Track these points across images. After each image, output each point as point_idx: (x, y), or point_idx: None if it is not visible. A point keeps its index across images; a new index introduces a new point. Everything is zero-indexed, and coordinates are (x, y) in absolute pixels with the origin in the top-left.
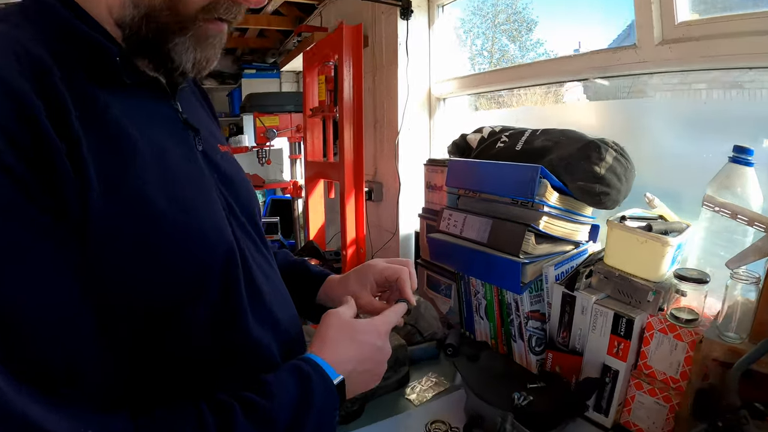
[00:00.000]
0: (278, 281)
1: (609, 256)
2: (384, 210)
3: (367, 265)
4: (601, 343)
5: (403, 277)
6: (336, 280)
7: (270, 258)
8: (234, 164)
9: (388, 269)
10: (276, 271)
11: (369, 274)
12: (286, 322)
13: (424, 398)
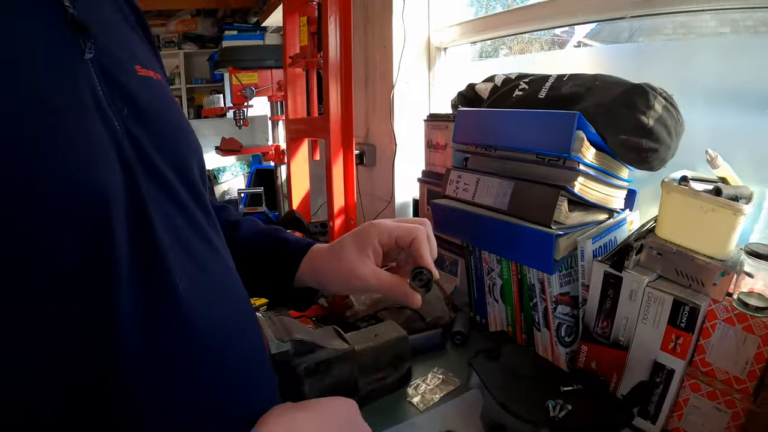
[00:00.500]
0: (223, 272)
1: (663, 227)
2: (378, 175)
3: (369, 225)
4: (653, 336)
5: (420, 237)
6: (324, 251)
7: (213, 236)
8: (163, 98)
9: (399, 229)
10: (222, 257)
11: (372, 238)
12: (227, 342)
13: (431, 401)
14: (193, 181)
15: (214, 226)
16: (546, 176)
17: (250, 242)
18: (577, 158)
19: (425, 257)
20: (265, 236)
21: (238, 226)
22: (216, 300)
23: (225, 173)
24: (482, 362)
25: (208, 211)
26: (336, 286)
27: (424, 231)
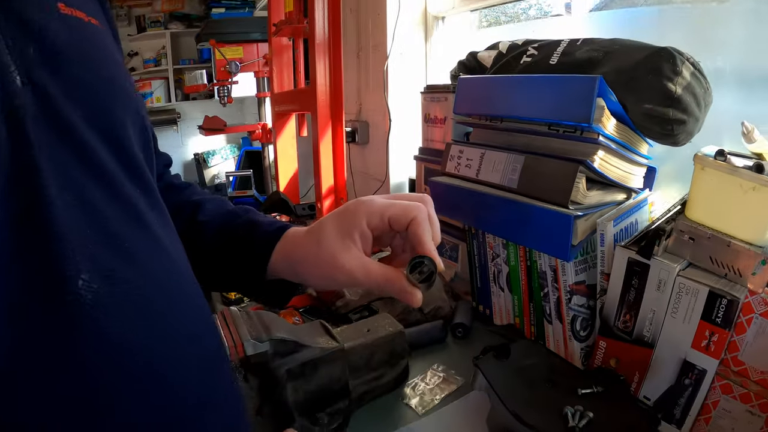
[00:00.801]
0: (164, 267)
1: (695, 209)
2: (371, 153)
3: (356, 203)
4: (683, 332)
5: (420, 218)
6: (301, 235)
7: (152, 220)
8: (93, 43)
9: (394, 208)
10: (164, 247)
11: (359, 219)
12: (166, 369)
13: (431, 403)
14: (123, 143)
15: (155, 206)
16: (560, 150)
17: (213, 226)
18: (598, 129)
19: (426, 243)
20: (231, 218)
21: (201, 207)
22: (149, 306)
23: (215, 156)
24: (490, 363)
25: (147, 187)
26: (315, 279)
27: (425, 210)
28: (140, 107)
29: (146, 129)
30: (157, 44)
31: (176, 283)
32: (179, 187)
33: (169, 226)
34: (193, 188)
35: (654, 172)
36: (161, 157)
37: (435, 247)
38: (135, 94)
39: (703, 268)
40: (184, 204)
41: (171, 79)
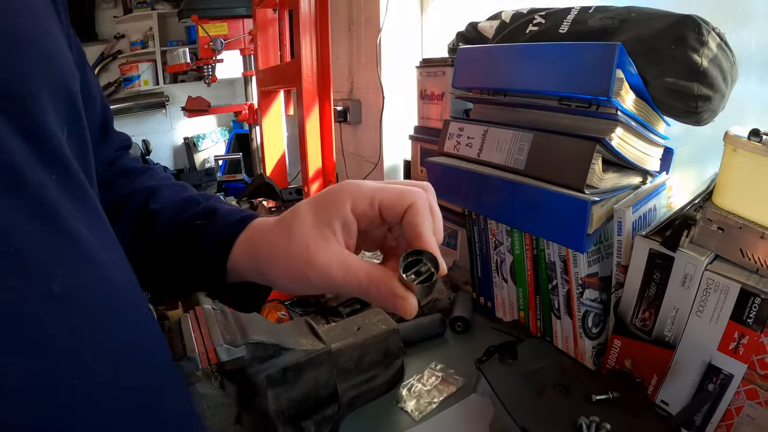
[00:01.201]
0: (91, 283)
1: (725, 195)
2: (363, 134)
3: (340, 185)
4: (710, 333)
5: (419, 206)
6: (270, 226)
7: (73, 219)
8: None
9: (386, 192)
10: (87, 246)
11: (342, 204)
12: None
13: (429, 407)
14: (32, 118)
15: (78, 196)
16: (573, 127)
17: (166, 215)
18: (617, 103)
19: (425, 236)
20: (187, 206)
21: (155, 194)
22: (43, 329)
23: (205, 140)
24: (495, 368)
25: (65, 172)
26: (283, 279)
27: (425, 197)
28: (70, 81)
29: (75, 105)
30: (144, 26)
31: (98, 295)
32: (136, 172)
33: (98, 220)
34: (153, 172)
35: (671, 153)
36: (117, 137)
37: (439, 243)
38: (66, 66)
39: (732, 261)
40: (137, 191)
41: (159, 62)
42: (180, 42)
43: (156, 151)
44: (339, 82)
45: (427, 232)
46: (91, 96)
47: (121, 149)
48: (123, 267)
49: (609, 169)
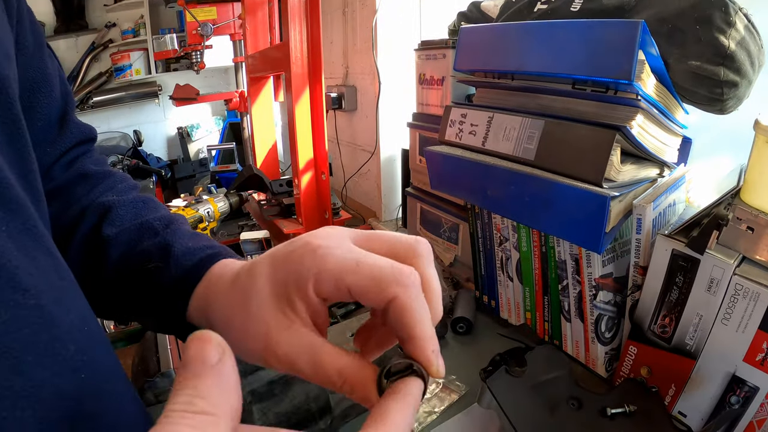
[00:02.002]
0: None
1: (756, 191)
2: (359, 121)
3: (304, 249)
4: (736, 343)
5: (405, 300)
6: (226, 287)
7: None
8: None
9: (359, 273)
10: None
11: (304, 280)
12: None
13: (429, 417)
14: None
15: (6, 212)
16: (588, 113)
17: (119, 245)
18: (638, 88)
19: (416, 338)
20: (142, 237)
21: (110, 214)
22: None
23: (199, 130)
24: (502, 381)
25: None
26: (243, 355)
27: (415, 279)
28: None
29: (2, 89)
30: (134, 14)
31: (27, 339)
32: (96, 178)
33: (29, 233)
34: (113, 180)
35: (689, 143)
36: (78, 129)
37: (436, 323)
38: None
39: (762, 265)
40: (93, 207)
41: (151, 51)
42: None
43: (149, 142)
44: (333, 68)
45: (418, 332)
46: (48, 80)
47: (84, 143)
48: (64, 290)
49: (627, 161)
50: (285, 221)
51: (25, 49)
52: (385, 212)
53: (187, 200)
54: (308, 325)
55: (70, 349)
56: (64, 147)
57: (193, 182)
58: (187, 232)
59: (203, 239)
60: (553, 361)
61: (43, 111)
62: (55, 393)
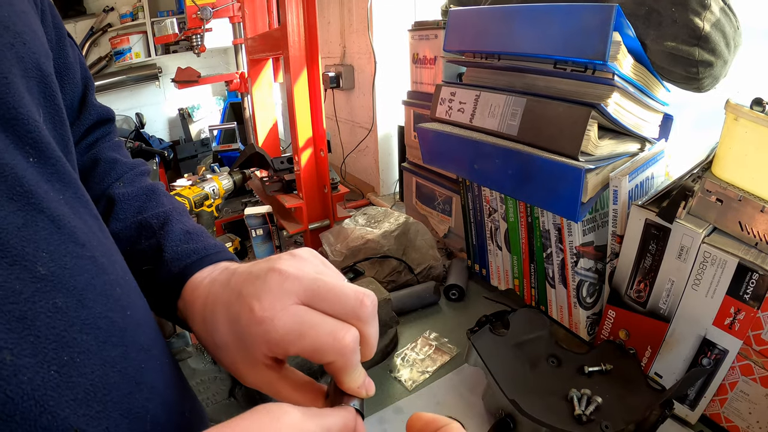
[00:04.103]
0: (88, 278)
1: (725, 166)
2: (356, 99)
3: (249, 319)
4: (705, 308)
5: (339, 364)
6: (199, 312)
7: (44, 192)
8: None
9: (301, 342)
10: (70, 228)
11: (258, 351)
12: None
13: (422, 377)
14: (1, 96)
15: (56, 177)
16: (568, 92)
17: (122, 248)
18: (613, 68)
19: (349, 387)
20: (138, 237)
21: (113, 210)
22: (28, 321)
23: (199, 110)
24: (486, 339)
25: (47, 158)
26: (220, 365)
27: (349, 346)
28: (43, 62)
29: (49, 86)
30: None
31: (84, 275)
32: (107, 164)
33: (80, 200)
34: (118, 169)
35: (671, 120)
36: (95, 110)
37: (361, 372)
38: (38, 46)
39: (729, 234)
40: (101, 199)
41: (149, 34)
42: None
43: (151, 124)
44: (331, 47)
45: (351, 384)
46: (70, 68)
47: (102, 124)
48: (109, 247)
49: (605, 136)
50: (286, 196)
51: (50, 43)
52: (383, 187)
53: (192, 179)
54: (268, 364)
55: (117, 291)
56: (83, 127)
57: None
58: (180, 231)
59: (195, 239)
60: (535, 322)
61: (67, 97)
62: (110, 323)
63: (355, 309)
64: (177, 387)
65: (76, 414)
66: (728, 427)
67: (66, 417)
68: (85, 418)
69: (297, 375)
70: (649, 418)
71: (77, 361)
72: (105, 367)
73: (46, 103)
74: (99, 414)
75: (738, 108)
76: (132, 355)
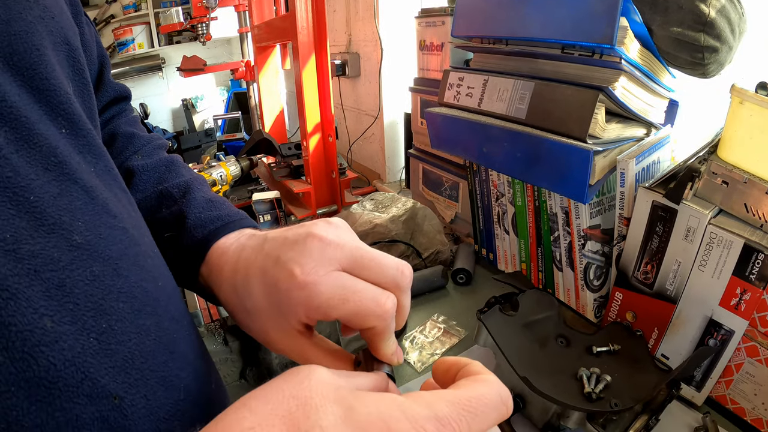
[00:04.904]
0: (100, 228)
1: (730, 148)
2: (363, 87)
3: (289, 289)
4: (712, 288)
5: (380, 327)
6: (228, 278)
7: (76, 164)
8: None
9: (344, 307)
10: (102, 199)
11: (295, 315)
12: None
13: (431, 359)
14: (38, 70)
15: (88, 150)
16: (575, 76)
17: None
18: (620, 52)
19: (383, 353)
20: (160, 205)
21: (133, 181)
22: (68, 288)
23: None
24: (495, 318)
25: (78, 129)
26: (248, 332)
27: (390, 310)
28: (70, 36)
29: (78, 60)
30: None
31: (117, 246)
32: (124, 138)
33: (110, 173)
34: (136, 142)
35: (676, 106)
36: (112, 87)
37: (394, 339)
38: (65, 21)
39: (735, 216)
40: (119, 171)
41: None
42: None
43: (154, 114)
44: (337, 36)
45: (386, 350)
46: (87, 45)
47: (119, 101)
48: (138, 219)
49: (612, 120)
50: (294, 181)
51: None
52: (389, 174)
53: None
54: (300, 331)
55: (149, 262)
56: (100, 105)
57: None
58: (202, 199)
59: (217, 207)
60: (543, 303)
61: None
62: (144, 293)
63: (395, 278)
64: (205, 359)
65: (116, 381)
66: (734, 409)
67: (106, 384)
68: (124, 385)
69: (327, 342)
70: (656, 398)
71: (115, 329)
72: (141, 335)
73: (75, 77)
74: (137, 381)
75: (743, 92)
76: (165, 325)
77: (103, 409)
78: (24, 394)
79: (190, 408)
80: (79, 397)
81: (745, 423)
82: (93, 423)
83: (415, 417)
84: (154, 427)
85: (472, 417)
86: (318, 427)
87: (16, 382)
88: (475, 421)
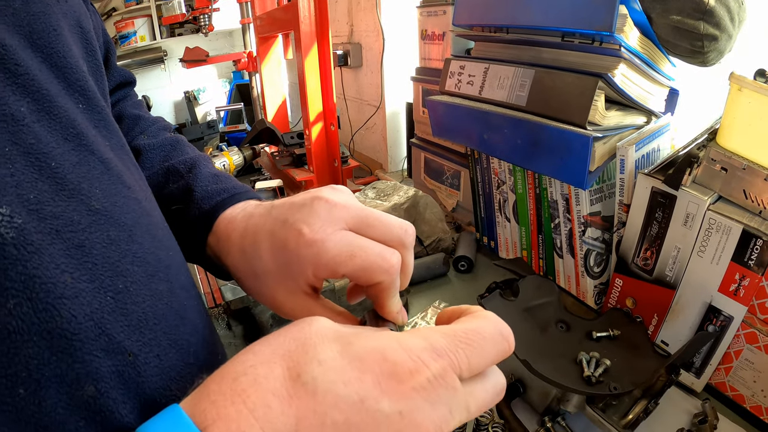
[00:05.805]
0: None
1: (729, 135)
2: (365, 77)
3: (298, 248)
4: (711, 274)
5: (387, 283)
6: (236, 244)
7: (93, 137)
8: None
9: (352, 263)
10: (117, 170)
11: (304, 274)
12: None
13: None
14: (56, 48)
15: (102, 125)
16: (575, 63)
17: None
18: (620, 39)
19: (389, 310)
20: (166, 181)
21: (139, 159)
22: (87, 247)
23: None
24: (496, 302)
25: (89, 101)
26: (256, 298)
27: (396, 266)
28: (83, 19)
29: (90, 43)
30: None
31: (132, 214)
32: (130, 120)
33: (123, 149)
34: (141, 123)
35: (677, 95)
36: (118, 72)
37: (399, 298)
38: (77, 4)
39: (733, 202)
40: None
41: (154, 16)
42: None
43: (157, 107)
44: (339, 26)
45: (391, 306)
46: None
47: (124, 86)
48: (149, 193)
49: (612, 107)
50: (297, 170)
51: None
52: (391, 164)
53: None
54: (307, 292)
55: (160, 233)
56: (108, 88)
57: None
58: (208, 174)
59: (223, 180)
60: (544, 288)
61: None
62: (157, 260)
63: (400, 236)
64: (212, 330)
65: (130, 339)
66: (733, 396)
67: (121, 341)
68: (138, 343)
69: (333, 305)
70: (656, 383)
71: (131, 290)
72: (154, 299)
73: (89, 58)
74: (151, 341)
75: (742, 79)
76: (176, 292)
77: (119, 364)
78: (45, 344)
79: (198, 373)
80: (98, 350)
81: (744, 410)
82: (110, 376)
83: (411, 347)
84: (166, 386)
85: (470, 348)
86: (316, 361)
87: (38, 332)
88: (474, 354)
